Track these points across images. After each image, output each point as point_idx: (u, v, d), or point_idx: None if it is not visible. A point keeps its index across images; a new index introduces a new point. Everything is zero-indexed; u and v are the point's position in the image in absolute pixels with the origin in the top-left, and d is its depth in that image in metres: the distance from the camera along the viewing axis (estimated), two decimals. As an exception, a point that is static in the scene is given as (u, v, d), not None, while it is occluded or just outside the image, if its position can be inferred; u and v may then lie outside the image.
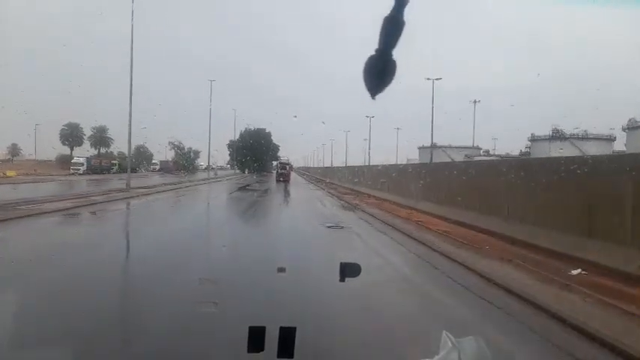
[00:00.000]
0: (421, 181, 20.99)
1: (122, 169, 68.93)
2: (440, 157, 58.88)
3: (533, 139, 62.64)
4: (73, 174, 55.29)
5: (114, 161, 72.37)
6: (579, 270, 8.15)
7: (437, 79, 45.61)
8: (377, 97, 1.35)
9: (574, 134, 55.50)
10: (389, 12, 1.24)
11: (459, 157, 52.25)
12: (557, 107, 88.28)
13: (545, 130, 62.65)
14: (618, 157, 18.86)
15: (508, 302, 6.70)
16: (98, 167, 65.28)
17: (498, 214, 12.86)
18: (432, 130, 48.11)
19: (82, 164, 61.38)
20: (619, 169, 8.93)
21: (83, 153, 71.85)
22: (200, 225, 16.81)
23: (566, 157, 13.76)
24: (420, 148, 72.45)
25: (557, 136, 56.99)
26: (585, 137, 54.65)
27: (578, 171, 9.98)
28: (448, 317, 6.01)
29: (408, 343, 4.79)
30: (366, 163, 61.26)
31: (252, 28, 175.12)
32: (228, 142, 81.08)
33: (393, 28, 1.26)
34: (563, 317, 5.73)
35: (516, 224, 11.65)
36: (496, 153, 65.23)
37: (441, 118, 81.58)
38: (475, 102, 55.27)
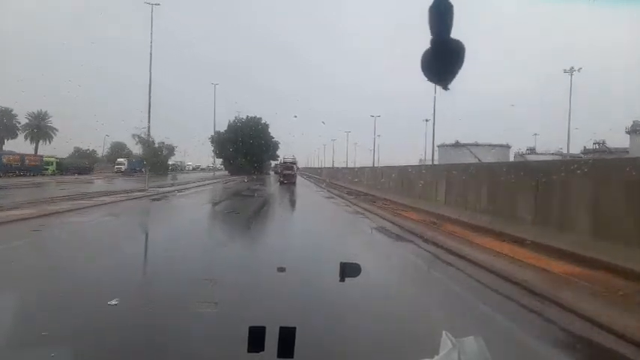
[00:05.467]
0: None
1: (62, 170, 52.89)
2: (464, 157, 52.90)
3: (636, 130, 48.30)
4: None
5: (50, 159, 53.75)
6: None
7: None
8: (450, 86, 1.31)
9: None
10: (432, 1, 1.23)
11: (489, 157, 45.13)
12: (560, 107, 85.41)
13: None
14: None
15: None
16: (17, 167, 46.14)
17: None
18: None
19: None
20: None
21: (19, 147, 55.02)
22: None
23: None
24: (440, 146, 63.08)
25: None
26: None
27: None
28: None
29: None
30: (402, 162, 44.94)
31: (255, 28, 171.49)
32: (210, 136, 57.96)
33: (442, 13, 1.25)
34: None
35: None
36: (536, 152, 57.17)
37: (454, 116, 78.65)
38: (572, 71, 43.00)
